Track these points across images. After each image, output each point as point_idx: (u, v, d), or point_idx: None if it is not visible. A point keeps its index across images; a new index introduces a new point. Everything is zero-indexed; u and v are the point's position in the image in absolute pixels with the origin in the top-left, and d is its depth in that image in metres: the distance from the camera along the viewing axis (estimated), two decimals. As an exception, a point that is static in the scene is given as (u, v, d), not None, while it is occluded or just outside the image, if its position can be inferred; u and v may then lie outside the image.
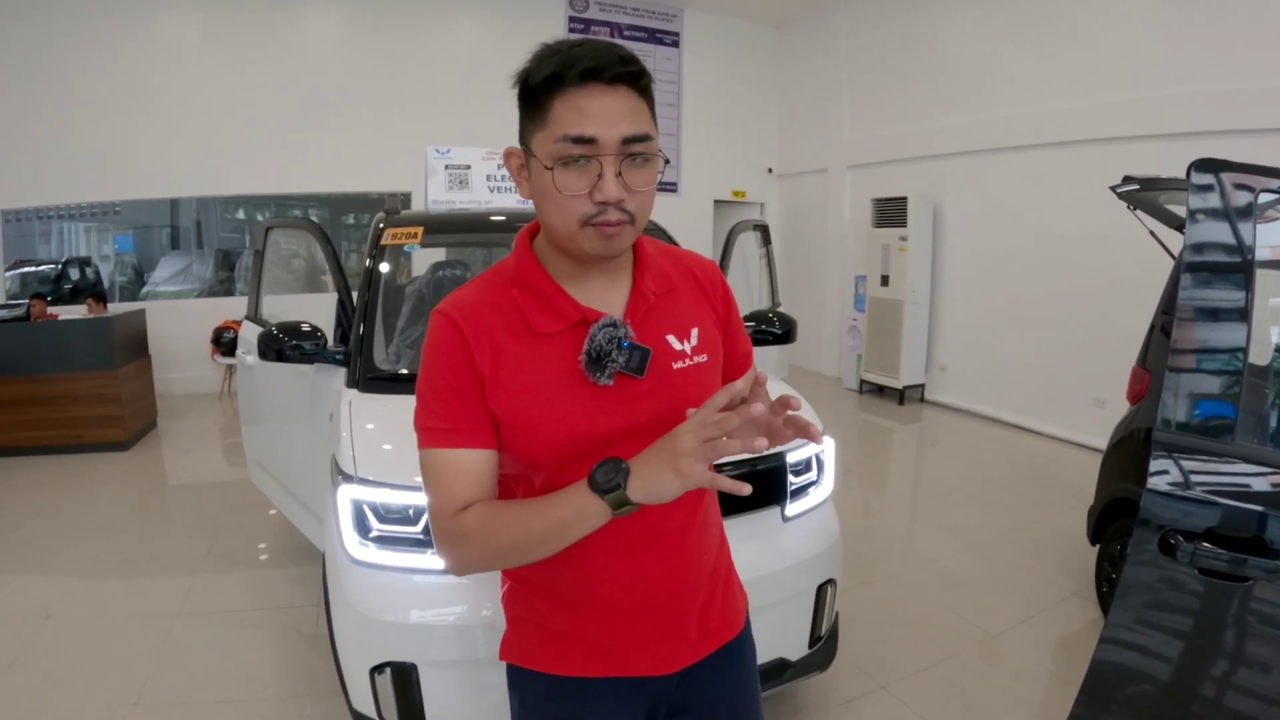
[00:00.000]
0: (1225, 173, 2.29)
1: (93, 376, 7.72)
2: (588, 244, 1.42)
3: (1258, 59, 6.86)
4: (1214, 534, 2.22)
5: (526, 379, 1.48)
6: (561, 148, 1.36)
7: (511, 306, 1.52)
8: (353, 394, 3.39)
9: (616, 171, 1.37)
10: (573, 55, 1.35)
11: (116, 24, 9.93)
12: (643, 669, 1.64)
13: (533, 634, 1.67)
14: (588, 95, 1.35)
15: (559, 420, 1.48)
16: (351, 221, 11.90)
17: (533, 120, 1.42)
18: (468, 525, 1.45)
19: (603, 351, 1.47)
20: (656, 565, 1.60)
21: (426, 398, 1.51)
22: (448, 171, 4.75)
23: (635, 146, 1.38)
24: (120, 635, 4.33)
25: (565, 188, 1.37)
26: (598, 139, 1.35)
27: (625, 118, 1.37)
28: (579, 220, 1.39)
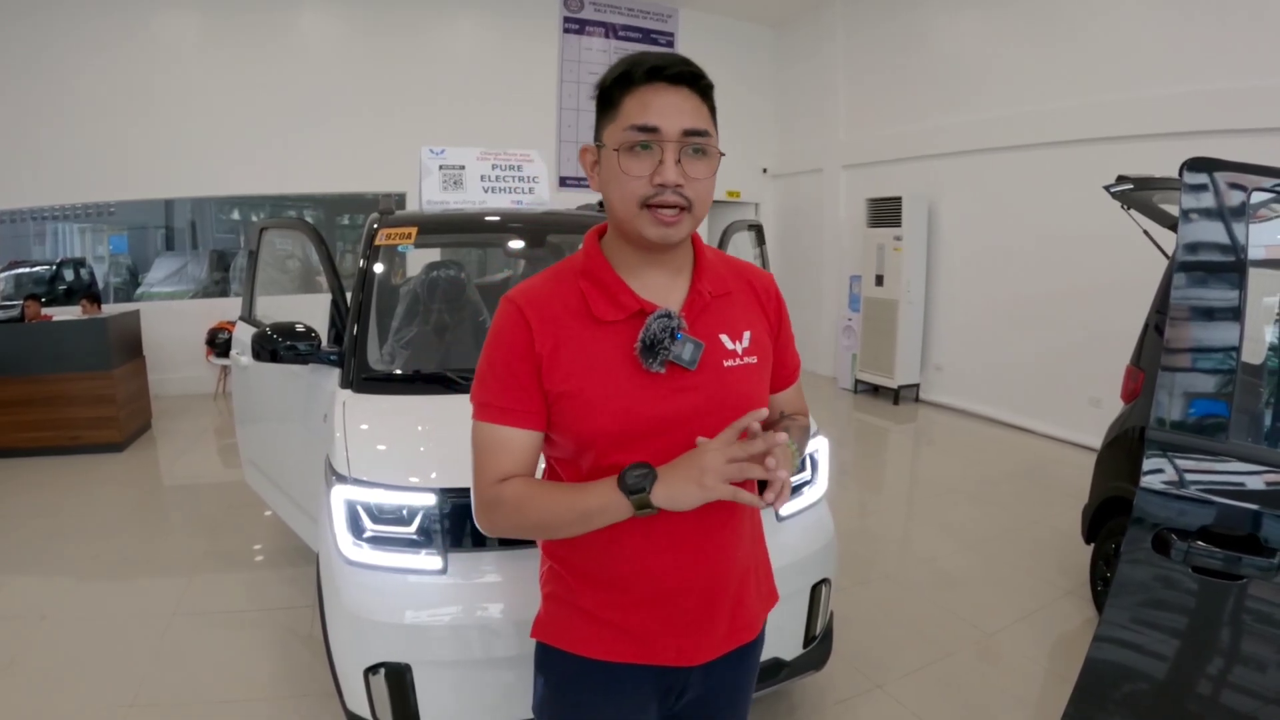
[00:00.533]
0: (1218, 172, 2.29)
1: (88, 377, 7.71)
2: (645, 228, 1.56)
3: (1256, 58, 6.87)
4: (1208, 532, 2.22)
5: (585, 362, 1.61)
6: (629, 135, 1.53)
7: (577, 296, 1.65)
8: (346, 394, 3.39)
9: (676, 159, 1.52)
10: (643, 57, 1.56)
11: (113, 24, 9.91)
12: (668, 659, 1.73)
13: (566, 615, 1.76)
14: (653, 91, 1.54)
15: (612, 402, 1.60)
16: (347, 222, 11.90)
17: (605, 115, 1.60)
18: (504, 496, 1.60)
19: (656, 340, 1.58)
20: (694, 561, 1.69)
21: (485, 376, 1.66)
22: (442, 172, 4.75)
23: (694, 139, 1.54)
24: (117, 636, 4.33)
25: (629, 170, 1.53)
26: (660, 128, 1.52)
27: (686, 113, 1.54)
28: (639, 201, 1.54)
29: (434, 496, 2.75)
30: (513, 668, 2.74)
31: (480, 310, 4.47)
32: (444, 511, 2.74)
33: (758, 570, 1.89)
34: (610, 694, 1.76)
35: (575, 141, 12.38)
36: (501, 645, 2.72)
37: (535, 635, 1.83)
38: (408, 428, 3.23)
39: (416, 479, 2.83)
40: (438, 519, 2.74)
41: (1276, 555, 2.15)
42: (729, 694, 1.90)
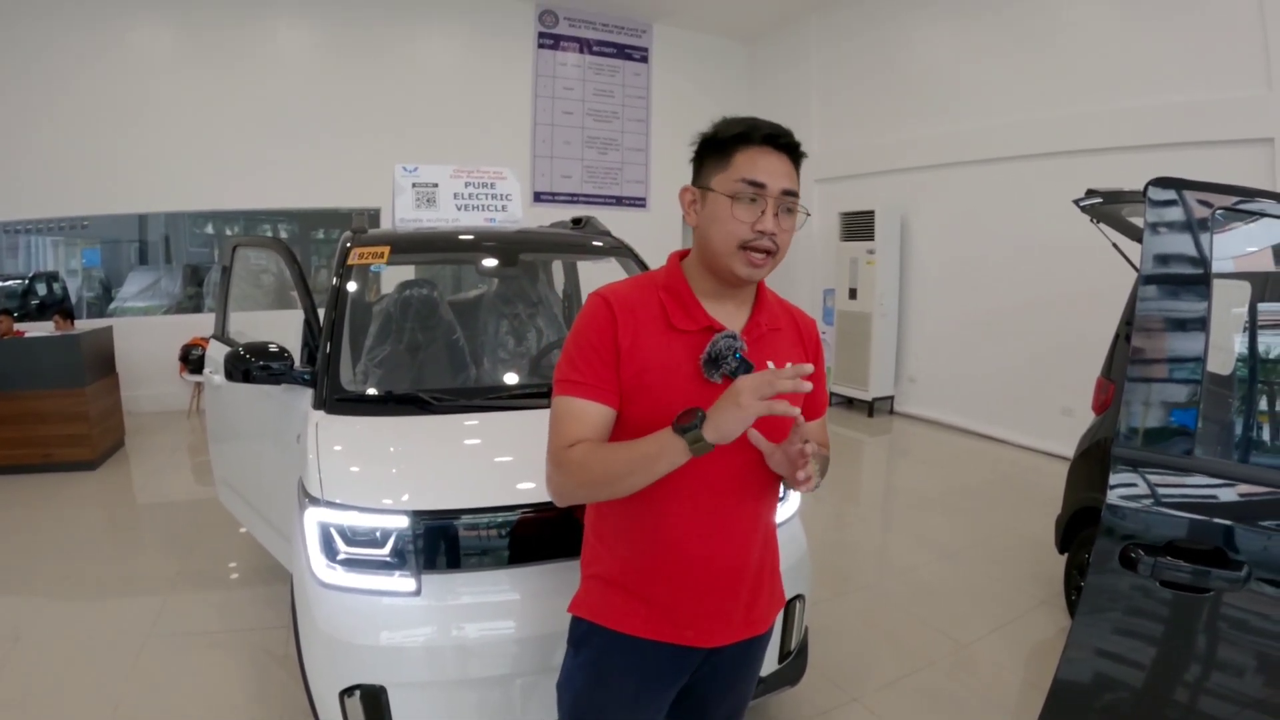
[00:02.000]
0: (1182, 190, 2.31)
1: (60, 395, 7.63)
2: (738, 266, 1.85)
3: (1228, 71, 6.96)
4: (1175, 546, 2.24)
5: (656, 362, 1.88)
6: (740, 186, 1.82)
7: (656, 304, 1.93)
8: (319, 415, 3.37)
9: (775, 212, 1.83)
10: (758, 124, 1.85)
11: (88, 39, 9.86)
12: (689, 638, 1.97)
13: (603, 591, 2.03)
14: (764, 154, 1.83)
15: (675, 400, 1.81)
16: (321, 236, 11.85)
17: (716, 165, 1.87)
18: (574, 456, 1.83)
19: (720, 354, 1.85)
20: (722, 545, 1.95)
21: (573, 355, 1.90)
22: (415, 189, 4.74)
23: (789, 199, 1.85)
24: (91, 657, 4.29)
25: (740, 216, 1.82)
26: (767, 185, 1.81)
27: (786, 176, 1.85)
28: (739, 242, 1.83)
29: (407, 519, 2.75)
30: (488, 688, 2.75)
31: (454, 329, 4.46)
32: (417, 533, 2.74)
33: (773, 569, 2.16)
34: (633, 668, 2.01)
35: (550, 157, 12.42)
36: (477, 665, 2.73)
37: (573, 610, 2.08)
38: (381, 449, 3.22)
39: (389, 501, 2.82)
40: (411, 541, 2.74)
41: (1244, 568, 2.17)
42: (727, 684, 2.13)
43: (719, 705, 2.17)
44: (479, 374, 4.33)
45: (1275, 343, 2.73)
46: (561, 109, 12.45)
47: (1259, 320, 2.66)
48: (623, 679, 2.02)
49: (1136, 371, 2.32)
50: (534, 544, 2.83)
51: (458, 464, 3.17)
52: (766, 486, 2.03)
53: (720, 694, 2.15)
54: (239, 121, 10.60)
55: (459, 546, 2.80)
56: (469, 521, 2.80)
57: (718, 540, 1.94)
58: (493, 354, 4.53)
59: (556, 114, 12.42)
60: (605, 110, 12.78)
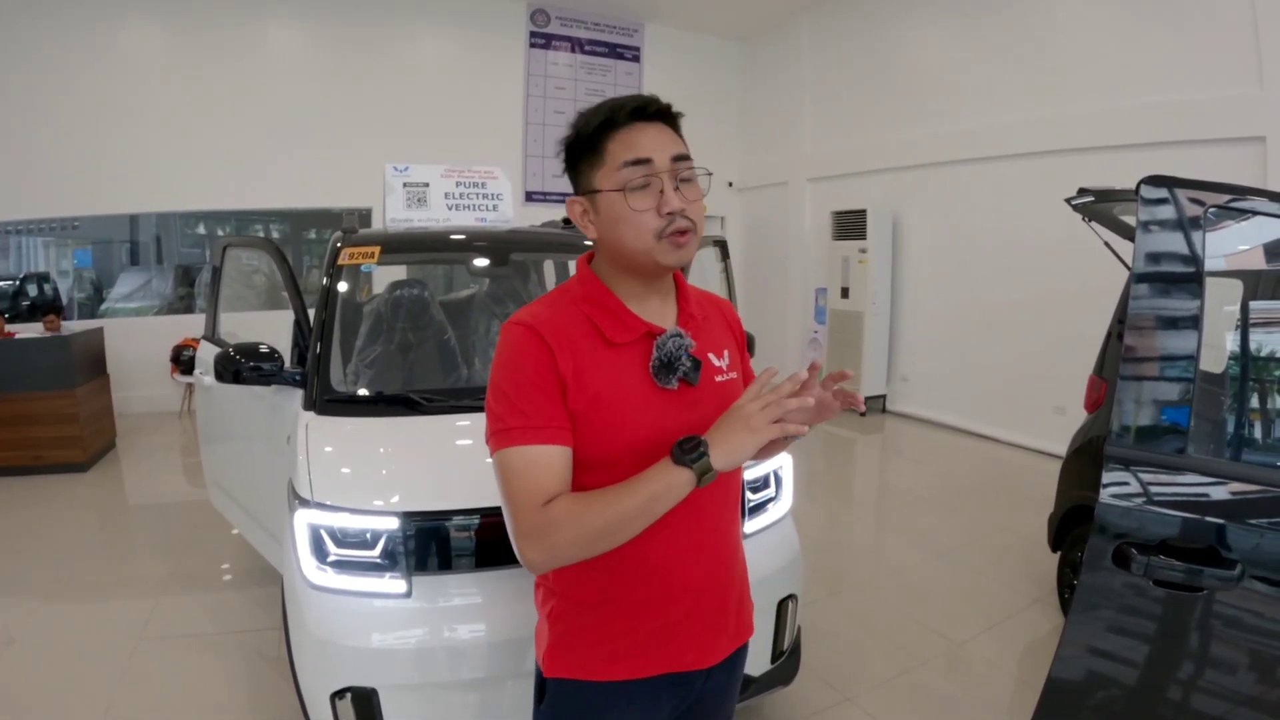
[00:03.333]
0: (1174, 189, 2.31)
1: (51, 396, 7.61)
2: (663, 256, 1.67)
3: (1217, 70, 6.98)
4: (1168, 545, 2.23)
5: (606, 383, 1.68)
6: (625, 173, 1.64)
7: (583, 321, 1.72)
8: (309, 416, 3.37)
9: (675, 186, 1.66)
10: (619, 101, 1.69)
11: (79, 41, 9.83)
12: (689, 662, 1.82)
13: (586, 645, 1.78)
14: (636, 130, 1.67)
15: (638, 420, 1.68)
16: (313, 236, 11.85)
17: (591, 164, 1.70)
18: (558, 513, 1.56)
19: (673, 357, 1.70)
20: (708, 565, 1.82)
21: (512, 398, 1.64)
22: (406, 189, 4.73)
23: (683, 165, 1.69)
24: (83, 660, 4.28)
25: (639, 205, 1.64)
26: (653, 159, 1.64)
27: (669, 143, 1.68)
28: (654, 234, 1.65)
29: (397, 520, 2.75)
30: (480, 689, 2.75)
31: (445, 329, 4.45)
32: (408, 535, 2.73)
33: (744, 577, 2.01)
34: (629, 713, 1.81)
35: (542, 156, 12.41)
36: (468, 667, 2.72)
37: (551, 673, 1.81)
38: (371, 450, 3.21)
39: (380, 502, 2.82)
40: (401, 542, 2.74)
41: (1237, 567, 2.17)
42: (720, 695, 1.99)
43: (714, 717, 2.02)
44: (470, 374, 4.31)
45: (1267, 340, 2.73)
46: (553, 108, 12.43)
47: (1251, 318, 2.66)
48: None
49: (1128, 370, 2.32)
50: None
51: (448, 465, 3.15)
52: (738, 491, 1.97)
53: (716, 707, 2.01)
54: (231, 121, 10.58)
55: (450, 548, 2.79)
56: (460, 523, 2.79)
57: (706, 556, 1.81)
58: (484, 354, 4.51)
59: (548, 113, 12.41)
60: (596, 109, 12.72)
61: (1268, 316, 2.74)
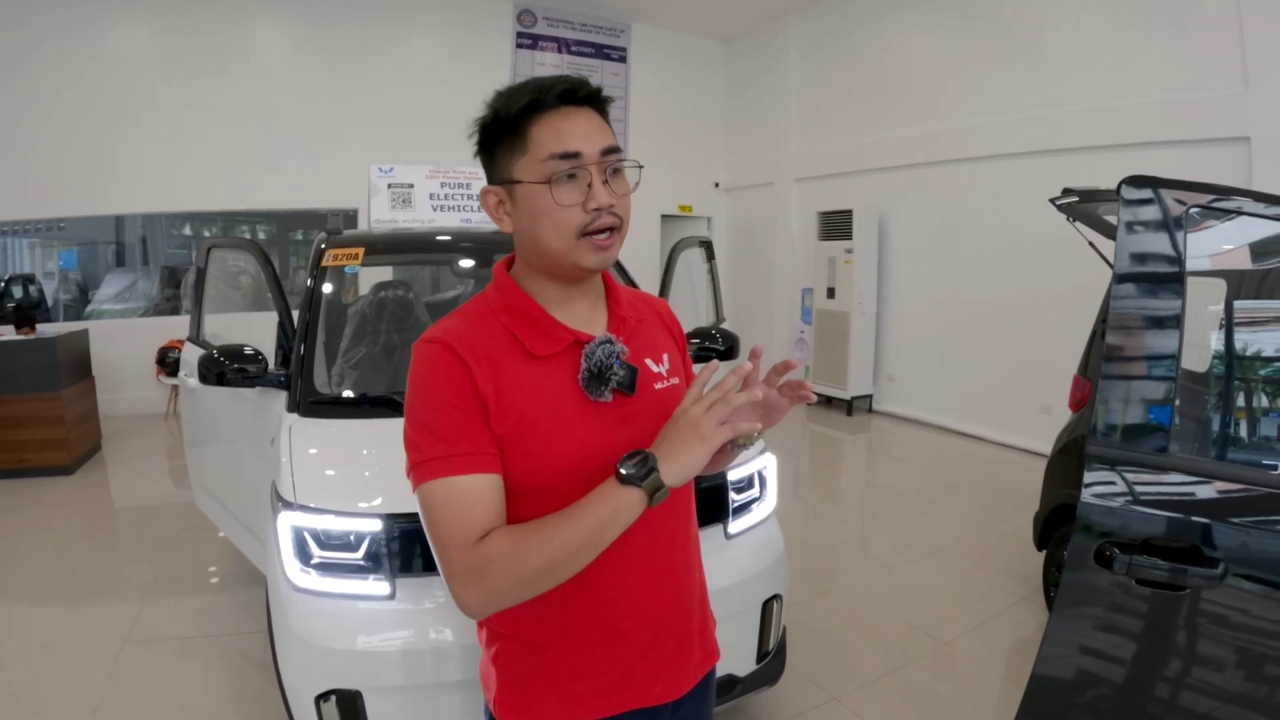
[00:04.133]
0: (1156, 188, 2.31)
1: (35, 399, 7.58)
2: (583, 258, 1.50)
3: (1205, 70, 7.01)
4: (1151, 544, 2.24)
5: (531, 401, 1.50)
6: (551, 165, 1.46)
7: (502, 333, 1.55)
8: (293, 419, 3.37)
9: (603, 179, 1.49)
10: (545, 83, 1.50)
11: (67, 41, 9.81)
12: (656, 696, 1.66)
13: (537, 688, 1.62)
14: (564, 116, 1.49)
15: (570, 439, 1.51)
16: (300, 237, 11.82)
17: (511, 151, 1.52)
18: (494, 551, 1.39)
19: (604, 366, 1.53)
20: (667, 590, 1.66)
21: (430, 426, 1.47)
22: (391, 190, 4.73)
23: (612, 157, 1.51)
24: (69, 663, 4.26)
25: (563, 200, 1.47)
26: (581, 152, 1.47)
27: (598, 133, 1.50)
28: (576, 232, 1.48)
29: (380, 522, 2.74)
30: (464, 691, 2.74)
31: (429, 330, 4.44)
32: (391, 536, 2.73)
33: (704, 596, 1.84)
34: None
35: (528, 156, 12.35)
36: (453, 668, 2.71)
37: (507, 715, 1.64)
38: (354, 452, 3.21)
39: (363, 504, 2.82)
40: (385, 544, 2.73)
41: (1220, 565, 2.17)
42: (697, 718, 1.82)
43: None
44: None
45: (1251, 339, 2.74)
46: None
47: (1234, 317, 2.67)
48: None
49: (1111, 369, 2.32)
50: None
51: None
52: (691, 504, 1.79)
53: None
54: (217, 123, 10.56)
55: (434, 550, 2.78)
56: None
57: (663, 581, 1.65)
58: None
59: (534, 115, 12.37)
60: (583, 110, 12.70)
61: (1251, 315, 2.75)
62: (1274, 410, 2.67)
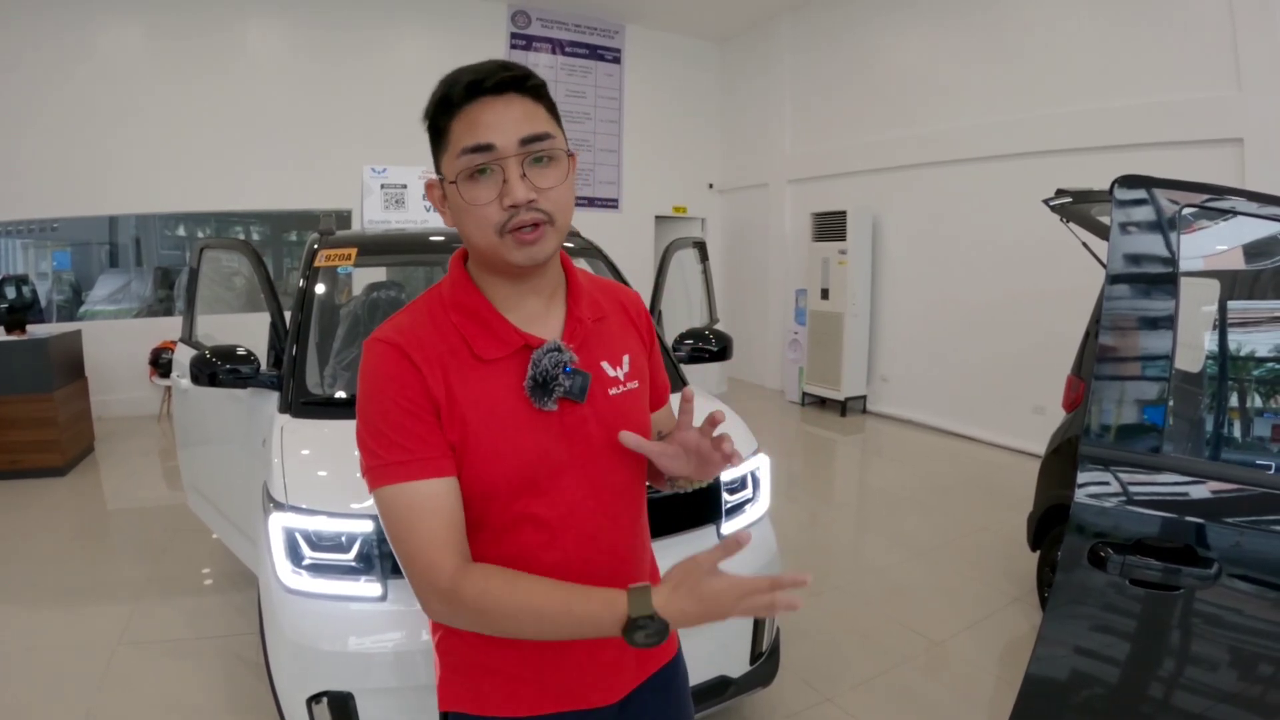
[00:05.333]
0: (1149, 188, 2.31)
1: (28, 400, 7.54)
2: (509, 254, 1.42)
3: (1194, 72, 7.02)
4: (1144, 544, 2.24)
5: (478, 407, 1.46)
6: (464, 160, 1.40)
7: (452, 332, 1.50)
8: (285, 419, 3.35)
9: (521, 173, 1.39)
10: (456, 76, 1.43)
11: (57, 41, 9.77)
12: (594, 700, 1.63)
13: (477, 677, 1.60)
14: (478, 108, 1.40)
15: (514, 448, 1.47)
16: (295, 238, 11.79)
17: (438, 147, 1.48)
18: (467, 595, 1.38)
19: (549, 376, 1.47)
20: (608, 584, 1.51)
21: (381, 430, 1.43)
22: (384, 191, 4.73)
23: (535, 146, 1.41)
24: (62, 665, 4.25)
25: (474, 199, 1.40)
26: (495, 144, 1.38)
27: (519, 121, 1.41)
28: (495, 229, 1.40)
29: (372, 523, 2.73)
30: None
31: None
32: (383, 538, 2.70)
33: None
34: None
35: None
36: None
37: (446, 707, 1.64)
38: (345, 453, 3.19)
39: (354, 505, 2.80)
40: (376, 545, 2.73)
41: (1214, 566, 2.17)
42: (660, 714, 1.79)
43: None
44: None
45: (1244, 340, 2.74)
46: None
47: (1228, 318, 2.67)
48: None
49: (1104, 370, 2.32)
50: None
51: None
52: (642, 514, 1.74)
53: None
54: (211, 123, 10.53)
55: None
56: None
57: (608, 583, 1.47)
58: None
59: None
60: (577, 111, 12.73)
61: (1245, 316, 2.76)
62: (1268, 410, 2.67)
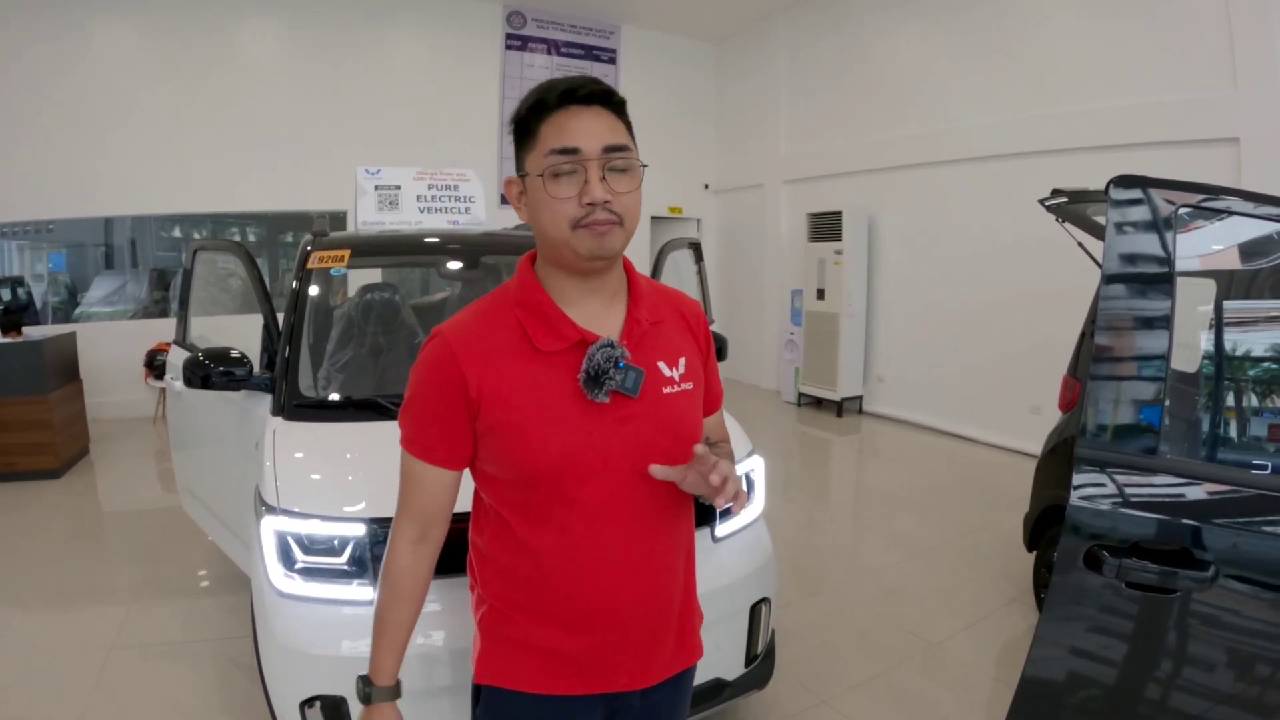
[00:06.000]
0: (1144, 188, 2.30)
1: (23, 402, 7.53)
2: (581, 245, 1.58)
3: (1189, 72, 7.03)
4: (1140, 546, 2.23)
5: (528, 395, 1.63)
6: (551, 160, 1.56)
7: (514, 326, 1.67)
8: (277, 422, 3.34)
9: (600, 176, 1.56)
10: (553, 84, 1.60)
11: (53, 42, 9.77)
12: (623, 684, 1.77)
13: (515, 653, 1.75)
14: (569, 115, 1.57)
15: (561, 434, 1.62)
16: (290, 239, 11.78)
17: (524, 146, 1.64)
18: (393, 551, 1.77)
19: (600, 370, 1.61)
20: (644, 591, 1.75)
21: (411, 413, 1.71)
22: (378, 192, 4.71)
23: (615, 155, 1.58)
24: (56, 668, 4.23)
25: (556, 193, 1.56)
26: (581, 149, 1.55)
27: (603, 131, 1.58)
28: (570, 223, 1.56)
29: (364, 526, 2.72)
30: (450, 696, 2.71)
31: (416, 333, 4.42)
32: (375, 540, 2.70)
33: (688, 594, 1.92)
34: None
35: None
36: (439, 674, 2.69)
37: (481, 679, 1.80)
38: (337, 456, 3.18)
39: (346, 509, 2.79)
40: (368, 549, 2.71)
41: (1210, 568, 2.16)
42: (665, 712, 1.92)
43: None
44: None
45: (1241, 340, 2.73)
46: (528, 112, 12.39)
47: (1224, 318, 2.66)
48: None
49: (1099, 370, 2.31)
50: (496, 550, 2.78)
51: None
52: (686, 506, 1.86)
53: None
54: (207, 125, 10.54)
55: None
56: (430, 528, 2.75)
57: (644, 574, 1.74)
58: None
59: (525, 116, 12.36)
60: (572, 111, 12.70)
61: (1241, 316, 2.75)
62: (1265, 410, 2.66)
